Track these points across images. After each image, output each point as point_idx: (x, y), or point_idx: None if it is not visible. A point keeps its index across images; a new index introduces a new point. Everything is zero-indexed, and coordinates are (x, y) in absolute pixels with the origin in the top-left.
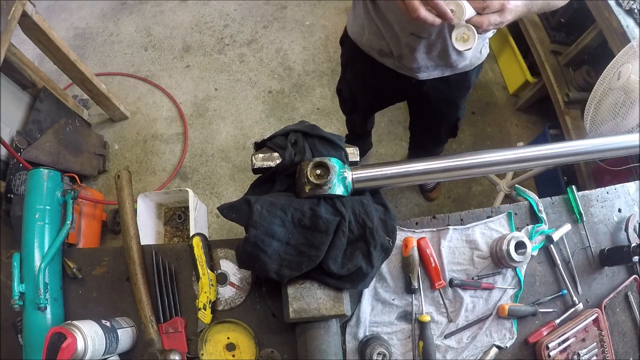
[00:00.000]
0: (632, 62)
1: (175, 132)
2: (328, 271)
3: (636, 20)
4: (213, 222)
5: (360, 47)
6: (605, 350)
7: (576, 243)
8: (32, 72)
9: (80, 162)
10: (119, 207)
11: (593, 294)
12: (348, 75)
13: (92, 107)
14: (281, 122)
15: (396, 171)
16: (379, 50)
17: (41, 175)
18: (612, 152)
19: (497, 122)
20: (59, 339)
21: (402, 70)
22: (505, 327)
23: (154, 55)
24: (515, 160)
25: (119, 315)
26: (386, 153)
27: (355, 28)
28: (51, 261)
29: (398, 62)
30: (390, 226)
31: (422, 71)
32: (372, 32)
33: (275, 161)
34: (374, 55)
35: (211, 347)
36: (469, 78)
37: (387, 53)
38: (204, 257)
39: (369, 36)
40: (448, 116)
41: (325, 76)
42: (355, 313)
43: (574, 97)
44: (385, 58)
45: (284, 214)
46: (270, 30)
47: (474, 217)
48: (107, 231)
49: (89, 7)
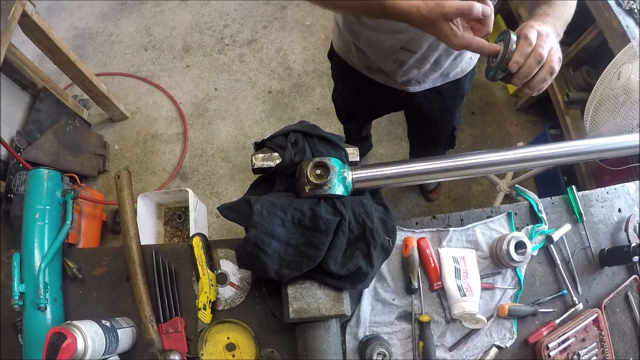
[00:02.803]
0: (632, 62)
1: (175, 132)
2: (328, 271)
3: (636, 20)
4: (213, 222)
5: (349, 63)
6: (605, 350)
7: (576, 243)
8: (32, 72)
9: (80, 162)
10: (119, 207)
11: (593, 294)
12: (340, 88)
13: (92, 107)
14: (281, 122)
15: (396, 171)
16: (366, 67)
17: (41, 175)
18: (612, 152)
19: (497, 122)
20: (59, 339)
21: (392, 84)
22: (505, 327)
23: (154, 55)
24: (515, 160)
25: (119, 315)
26: (386, 153)
27: (342, 44)
28: (51, 261)
29: (388, 77)
30: (390, 226)
31: (412, 84)
32: (359, 50)
33: (275, 161)
34: (363, 71)
35: (211, 347)
36: (462, 86)
37: (375, 69)
38: (204, 257)
39: (356, 53)
40: (443, 127)
41: (325, 76)
42: (355, 313)
43: (574, 97)
44: (374, 74)
45: (284, 214)
46: (270, 30)
47: (474, 217)
48: (107, 231)
49: (89, 7)
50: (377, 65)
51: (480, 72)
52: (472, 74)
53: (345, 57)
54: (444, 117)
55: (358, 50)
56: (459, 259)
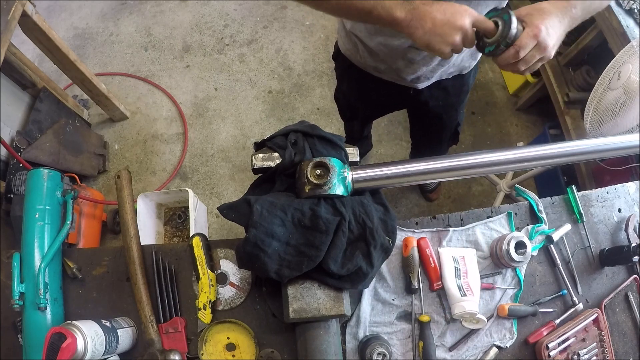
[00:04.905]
0: (632, 62)
1: (175, 132)
2: (328, 271)
3: (636, 20)
4: (213, 222)
5: (356, 63)
6: (605, 350)
7: (576, 243)
8: (32, 72)
9: (80, 162)
10: (119, 207)
11: (593, 294)
12: (344, 87)
13: (92, 107)
14: (281, 122)
15: (396, 171)
16: (375, 67)
17: (41, 175)
18: (612, 152)
19: (497, 122)
20: (59, 339)
21: (400, 82)
22: (505, 327)
23: (154, 55)
24: (515, 160)
25: (119, 315)
26: (386, 153)
27: (349, 46)
28: (51, 261)
29: (397, 75)
30: (390, 226)
31: (421, 81)
32: (367, 51)
33: (275, 161)
34: (370, 71)
35: (211, 347)
36: (467, 81)
37: (384, 68)
38: (204, 257)
39: (364, 54)
40: (448, 123)
41: (325, 76)
42: (355, 313)
43: (574, 97)
44: (382, 73)
45: (284, 214)
46: (270, 30)
47: (474, 217)
48: (107, 231)
49: (89, 7)
50: (387, 64)
51: (481, 73)
52: (476, 70)
53: (352, 58)
54: (448, 113)
55: (366, 51)
56: (459, 259)
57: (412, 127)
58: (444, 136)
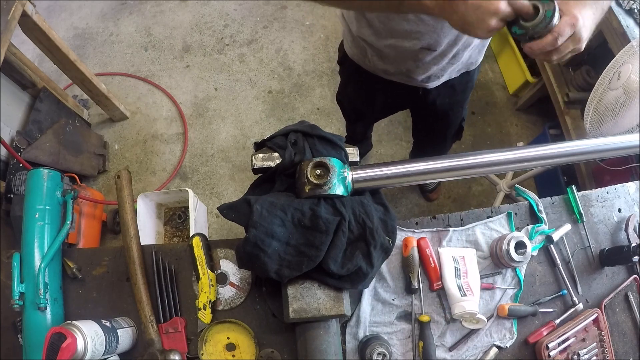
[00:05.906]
0: (632, 62)
1: (175, 132)
2: (328, 271)
3: (636, 20)
4: (213, 222)
5: (363, 67)
6: (605, 350)
7: (576, 243)
8: (32, 72)
9: (80, 162)
10: (119, 207)
11: (593, 294)
12: (349, 90)
13: (92, 107)
14: (281, 122)
15: (396, 171)
16: (384, 70)
17: (41, 175)
18: (612, 152)
19: (497, 122)
20: (59, 339)
21: (410, 82)
22: (505, 327)
23: (154, 55)
24: (515, 160)
25: (119, 315)
26: (386, 153)
27: (356, 50)
28: (51, 261)
29: (407, 77)
30: (390, 226)
31: (431, 80)
32: (375, 55)
33: (275, 161)
34: (379, 73)
35: (211, 347)
36: (472, 77)
37: (392, 72)
38: (204, 257)
39: (372, 58)
40: (454, 120)
41: (325, 76)
42: (355, 313)
43: (574, 97)
44: (391, 75)
45: (284, 214)
46: (270, 30)
47: (474, 217)
48: (107, 231)
49: (89, 7)
50: (397, 66)
51: (481, 73)
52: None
53: (360, 62)
54: (454, 110)
55: (375, 55)
56: (458, 259)
57: (416, 126)
58: (448, 133)
